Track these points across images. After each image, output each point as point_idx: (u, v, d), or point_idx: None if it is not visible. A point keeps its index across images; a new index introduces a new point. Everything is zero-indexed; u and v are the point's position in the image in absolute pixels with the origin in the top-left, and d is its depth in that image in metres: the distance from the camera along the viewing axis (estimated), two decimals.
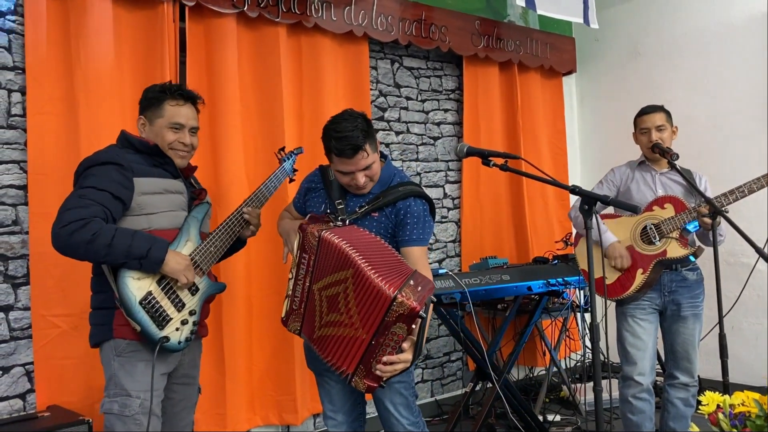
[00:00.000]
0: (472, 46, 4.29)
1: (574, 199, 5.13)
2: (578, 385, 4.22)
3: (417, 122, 4.26)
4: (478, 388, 3.89)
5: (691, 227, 2.80)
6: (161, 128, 2.20)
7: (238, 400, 3.28)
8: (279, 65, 3.46)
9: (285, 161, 2.59)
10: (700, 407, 2.03)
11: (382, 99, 4.09)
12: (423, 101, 4.30)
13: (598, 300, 3.22)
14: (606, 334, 3.40)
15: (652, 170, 3.07)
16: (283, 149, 2.66)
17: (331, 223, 2.14)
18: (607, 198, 1.89)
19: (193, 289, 2.18)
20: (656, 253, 2.90)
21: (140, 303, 2.01)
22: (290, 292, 2.10)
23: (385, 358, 1.86)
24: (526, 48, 4.63)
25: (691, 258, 2.93)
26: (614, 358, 4.68)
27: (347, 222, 2.17)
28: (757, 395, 2.03)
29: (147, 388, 2.05)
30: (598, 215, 3.16)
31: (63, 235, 1.94)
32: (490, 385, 3.66)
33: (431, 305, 1.93)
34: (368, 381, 1.91)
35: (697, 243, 2.98)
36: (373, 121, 3.92)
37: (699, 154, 4.17)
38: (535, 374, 4.67)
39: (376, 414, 2.39)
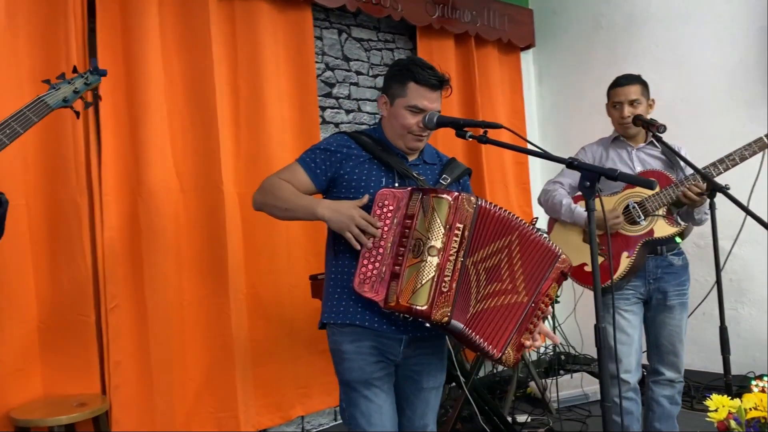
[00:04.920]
0: (426, 16, 3.93)
1: (535, 183, 4.87)
2: (547, 380, 3.95)
3: (369, 99, 3.86)
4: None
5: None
6: None
7: (169, 420, 2.87)
8: (209, 33, 3.04)
9: (55, 89, 1.88)
10: (709, 414, 1.74)
11: (329, 73, 3.67)
12: (374, 77, 3.90)
13: (586, 291, 2.93)
14: (598, 323, 3.12)
15: (627, 146, 2.79)
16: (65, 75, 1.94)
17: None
18: (614, 172, 1.55)
19: None
20: (642, 233, 2.62)
21: None
22: (433, 275, 1.74)
23: (537, 330, 1.86)
24: (483, 19, 4.30)
25: (677, 239, 2.66)
26: (588, 350, 4.49)
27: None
28: None
29: None
30: (568, 197, 2.90)
31: None
32: (453, 384, 3.34)
33: None
34: (515, 352, 1.84)
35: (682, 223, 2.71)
36: (320, 98, 3.54)
37: (667, 131, 3.94)
38: (499, 369, 4.38)
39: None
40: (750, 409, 1.77)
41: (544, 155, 1.66)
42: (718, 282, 2.33)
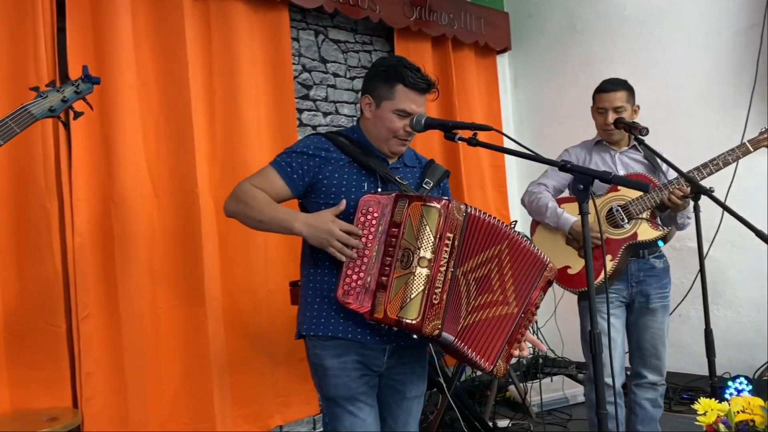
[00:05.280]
0: (403, 18, 3.89)
1: (512, 186, 4.86)
2: (527, 384, 3.93)
3: (347, 102, 3.81)
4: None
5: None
6: None
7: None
8: (183, 34, 2.94)
9: (42, 98, 1.74)
10: (698, 418, 1.73)
11: (306, 75, 3.61)
12: (352, 79, 3.85)
13: (566, 294, 2.92)
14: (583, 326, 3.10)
15: (610, 150, 2.80)
16: (53, 83, 1.81)
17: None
18: (608, 175, 1.52)
19: None
20: (626, 236, 2.61)
21: None
22: (423, 288, 1.67)
23: (524, 339, 1.84)
24: (460, 22, 4.28)
25: (660, 243, 2.66)
26: (568, 353, 4.49)
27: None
28: (761, 401, 1.75)
29: None
30: (554, 200, 2.89)
31: None
32: (434, 389, 3.30)
33: None
34: (505, 363, 1.81)
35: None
36: (297, 101, 3.47)
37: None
38: (478, 374, 4.35)
39: None
40: (738, 412, 1.77)
41: (536, 158, 1.63)
42: (703, 284, 2.33)
